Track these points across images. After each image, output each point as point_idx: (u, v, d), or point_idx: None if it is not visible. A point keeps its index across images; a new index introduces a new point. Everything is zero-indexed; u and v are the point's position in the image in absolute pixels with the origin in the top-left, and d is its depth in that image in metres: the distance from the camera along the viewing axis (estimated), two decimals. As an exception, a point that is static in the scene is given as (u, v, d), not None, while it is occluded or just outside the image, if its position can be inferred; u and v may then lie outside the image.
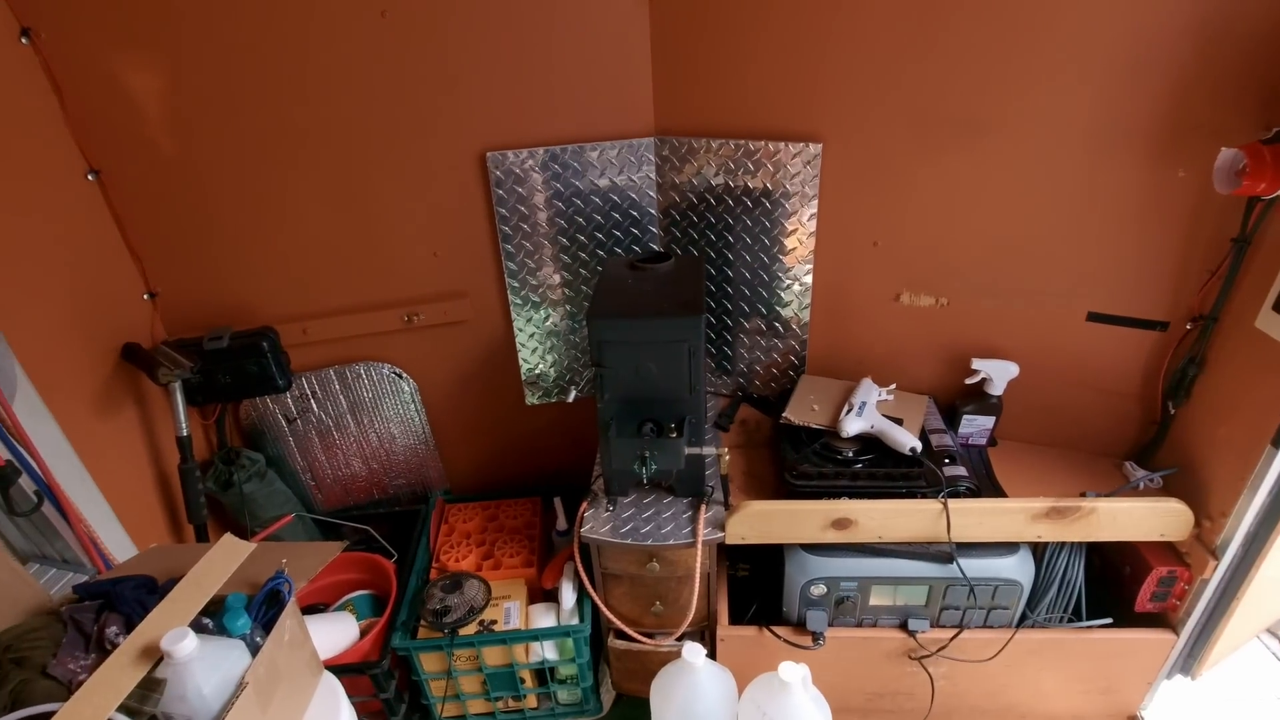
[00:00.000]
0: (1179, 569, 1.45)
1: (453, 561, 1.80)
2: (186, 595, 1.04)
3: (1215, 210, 1.32)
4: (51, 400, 1.37)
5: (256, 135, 1.57)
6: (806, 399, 1.71)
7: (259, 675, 0.98)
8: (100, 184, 1.56)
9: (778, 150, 1.58)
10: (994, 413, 1.65)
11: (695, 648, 1.42)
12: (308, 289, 1.76)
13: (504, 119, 1.62)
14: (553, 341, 1.93)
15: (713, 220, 1.74)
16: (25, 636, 1.00)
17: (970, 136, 1.44)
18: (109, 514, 1.49)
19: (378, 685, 1.57)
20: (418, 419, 1.99)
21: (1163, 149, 1.32)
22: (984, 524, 1.43)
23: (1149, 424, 1.57)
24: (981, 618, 1.54)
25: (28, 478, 1.25)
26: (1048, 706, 1.64)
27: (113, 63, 1.45)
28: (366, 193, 1.66)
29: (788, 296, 1.77)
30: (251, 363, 1.67)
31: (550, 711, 1.76)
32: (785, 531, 1.49)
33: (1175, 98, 1.27)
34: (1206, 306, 1.38)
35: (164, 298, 1.72)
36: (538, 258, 1.79)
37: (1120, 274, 1.47)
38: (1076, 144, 1.38)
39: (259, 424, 1.90)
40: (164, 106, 1.51)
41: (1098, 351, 1.55)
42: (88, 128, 1.50)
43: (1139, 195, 1.38)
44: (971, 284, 1.60)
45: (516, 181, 1.68)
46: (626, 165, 1.71)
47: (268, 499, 1.84)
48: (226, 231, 1.67)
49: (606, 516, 1.56)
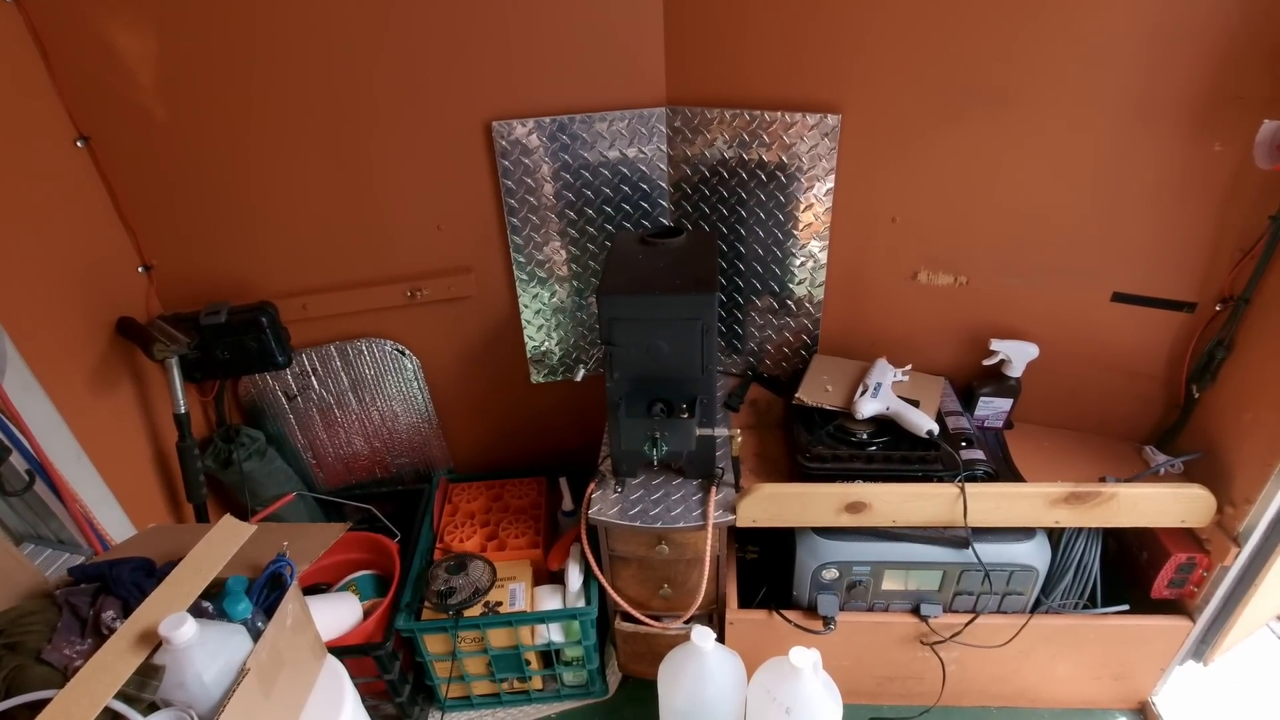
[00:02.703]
0: (1198, 556, 1.43)
1: (457, 542, 1.78)
2: (186, 578, 1.01)
3: (1253, 186, 1.27)
4: (44, 376, 1.33)
5: (254, 102, 1.51)
6: (819, 379, 1.67)
7: (261, 661, 0.95)
8: (90, 151, 1.50)
9: (794, 121, 1.53)
10: (1012, 395, 1.62)
11: (704, 631, 1.40)
12: (308, 263, 1.72)
13: (510, 87, 1.56)
14: (559, 319, 1.88)
15: (725, 194, 1.69)
16: (19, 620, 0.97)
17: (994, 107, 1.39)
18: (105, 493, 1.45)
19: (382, 666, 1.56)
20: (420, 397, 1.95)
21: (1199, 121, 1.26)
22: (1001, 509, 1.40)
23: (1171, 408, 1.53)
24: (995, 603, 1.52)
25: (19, 456, 1.21)
26: (1058, 691, 1.62)
27: (102, 23, 1.38)
28: (368, 164, 1.61)
29: (801, 273, 1.72)
30: (250, 338, 1.63)
31: (556, 693, 1.74)
32: (797, 515, 1.46)
33: (1215, 67, 1.22)
34: (1238, 288, 1.34)
35: (159, 271, 1.67)
36: (544, 232, 1.74)
37: (1148, 253, 1.42)
38: (1107, 115, 1.32)
39: (259, 401, 1.86)
40: (156, 70, 1.45)
41: (1121, 333, 1.51)
42: (76, 91, 1.44)
43: (1171, 170, 1.33)
44: (992, 262, 1.55)
45: (523, 153, 1.62)
46: (637, 136, 1.65)
47: (268, 477, 1.81)
48: (224, 203, 1.61)
49: (615, 498, 1.53)
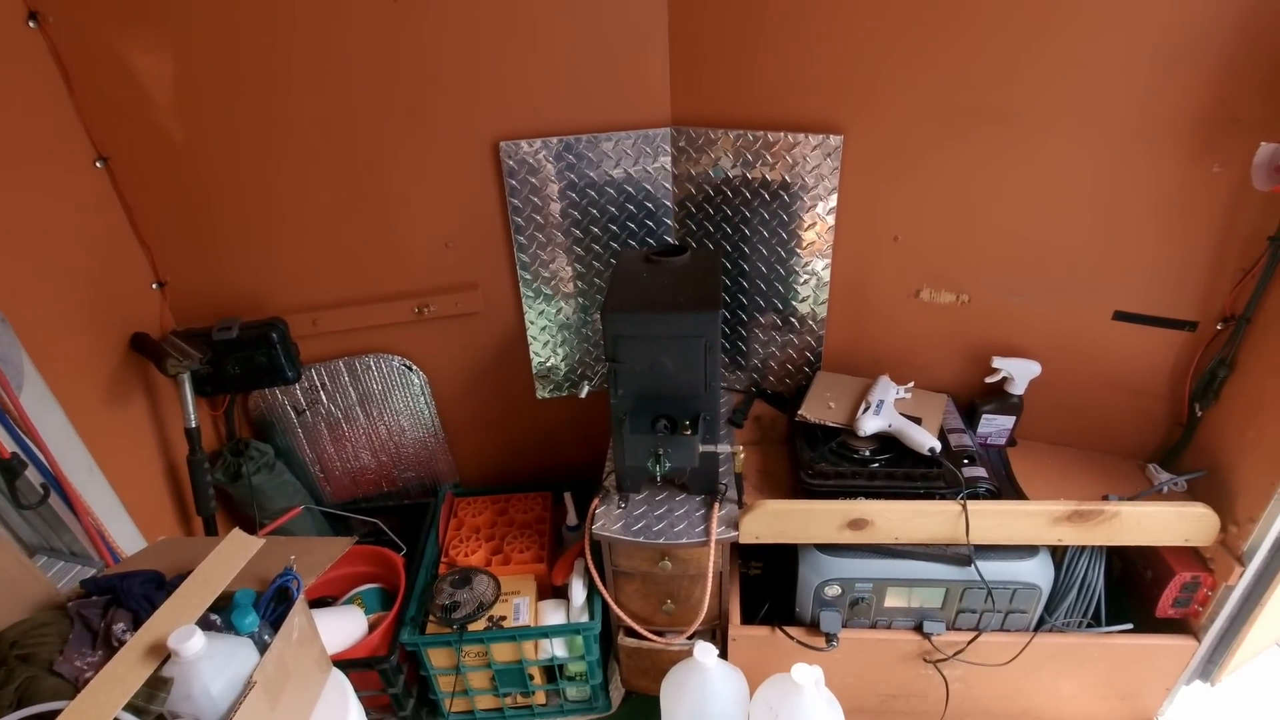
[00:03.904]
0: (1203, 574, 1.42)
1: (462, 556, 1.79)
2: (194, 592, 1.03)
3: (1252, 207, 1.28)
4: (59, 391, 1.35)
5: (267, 123, 1.54)
6: (822, 396, 1.68)
7: (267, 674, 0.96)
8: (109, 171, 1.53)
9: (797, 141, 1.55)
10: (1014, 412, 1.62)
11: (707, 647, 1.40)
12: (318, 280, 1.74)
13: (517, 108, 1.59)
14: (564, 335, 1.90)
15: (729, 213, 1.71)
16: (32, 632, 0.98)
17: (996, 127, 1.41)
18: (117, 506, 1.47)
19: (386, 680, 1.56)
20: (427, 412, 1.97)
21: (1198, 143, 1.28)
22: (1004, 526, 1.40)
23: (1174, 426, 1.53)
24: (999, 621, 1.51)
25: (34, 469, 1.24)
26: (1063, 711, 1.61)
27: (121, 47, 1.43)
28: (378, 182, 1.64)
29: (804, 291, 1.73)
30: (261, 354, 1.65)
31: (559, 708, 1.74)
32: (800, 531, 1.47)
33: (1213, 89, 1.23)
34: (1239, 307, 1.35)
35: (173, 287, 1.70)
36: (550, 249, 1.77)
37: (1149, 272, 1.43)
38: (1107, 136, 1.34)
39: (268, 415, 1.88)
40: (173, 93, 1.49)
41: (1123, 351, 1.51)
42: (96, 114, 1.47)
43: (1171, 191, 1.34)
44: (994, 280, 1.56)
45: (530, 171, 1.65)
46: (642, 156, 1.67)
47: (276, 491, 1.83)
48: (236, 220, 1.65)
49: (619, 513, 1.54)
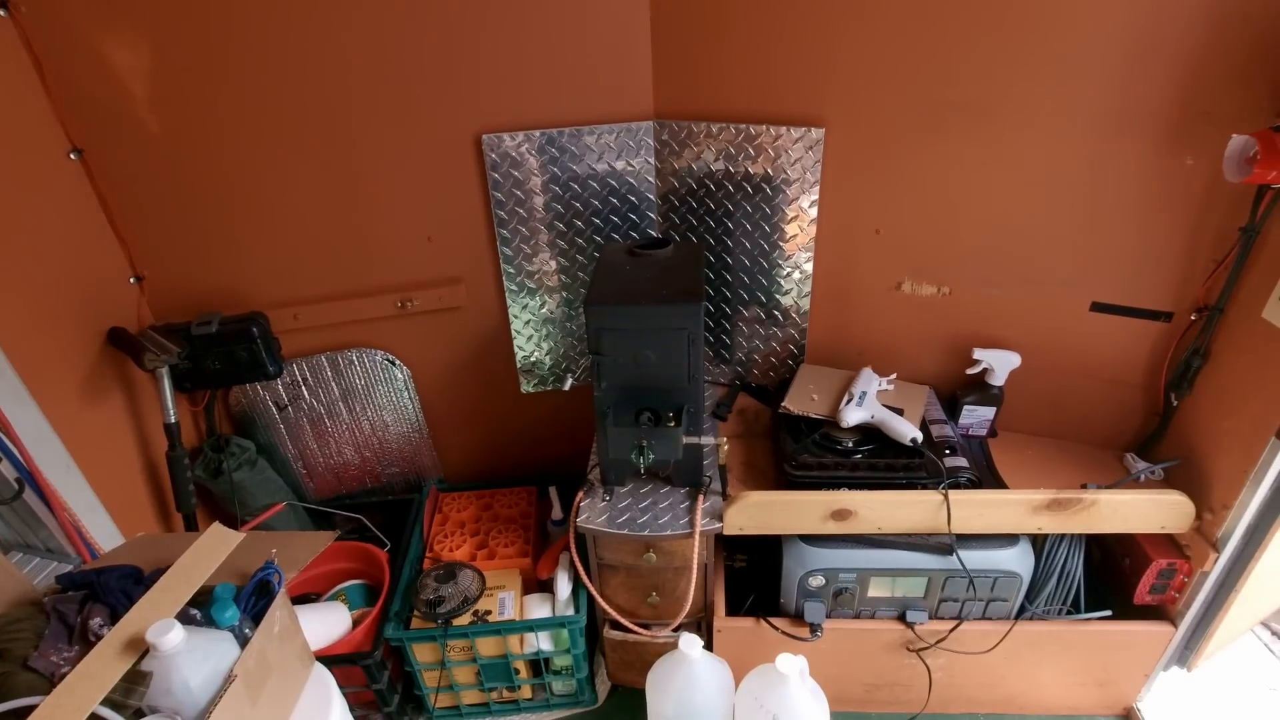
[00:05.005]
0: (1179, 561, 1.45)
1: (446, 551, 1.78)
2: (173, 586, 1.02)
3: (1224, 199, 1.30)
4: (34, 385, 1.33)
5: (245, 115, 1.52)
6: (806, 388, 1.69)
7: (248, 668, 0.96)
8: (84, 163, 1.51)
9: (779, 135, 1.55)
10: (995, 403, 1.64)
11: (692, 639, 1.41)
12: (299, 273, 1.73)
13: (500, 100, 1.58)
14: (548, 329, 1.90)
15: (712, 206, 1.71)
16: (6, 628, 0.97)
17: (975, 121, 1.42)
18: (95, 502, 1.45)
19: (370, 676, 1.56)
20: (411, 407, 1.96)
21: (1171, 136, 1.30)
22: (984, 516, 1.42)
23: (1151, 415, 1.56)
24: (980, 609, 1.53)
25: (8, 464, 1.22)
26: (1044, 698, 1.64)
27: (96, 36, 1.40)
28: (359, 175, 1.63)
29: (787, 284, 1.74)
30: (241, 348, 1.64)
31: (545, 702, 1.74)
32: (784, 522, 1.48)
33: (1185, 83, 1.25)
34: (1212, 297, 1.37)
35: (151, 281, 1.68)
36: (534, 243, 1.76)
37: (1125, 264, 1.45)
38: (1083, 130, 1.35)
39: (249, 411, 1.87)
40: (149, 83, 1.46)
41: (1101, 342, 1.53)
42: (70, 104, 1.45)
43: (1146, 183, 1.36)
44: (974, 273, 1.58)
45: (513, 165, 1.65)
46: (625, 149, 1.68)
47: (258, 487, 1.82)
48: (215, 214, 1.63)
49: (603, 506, 1.54)
